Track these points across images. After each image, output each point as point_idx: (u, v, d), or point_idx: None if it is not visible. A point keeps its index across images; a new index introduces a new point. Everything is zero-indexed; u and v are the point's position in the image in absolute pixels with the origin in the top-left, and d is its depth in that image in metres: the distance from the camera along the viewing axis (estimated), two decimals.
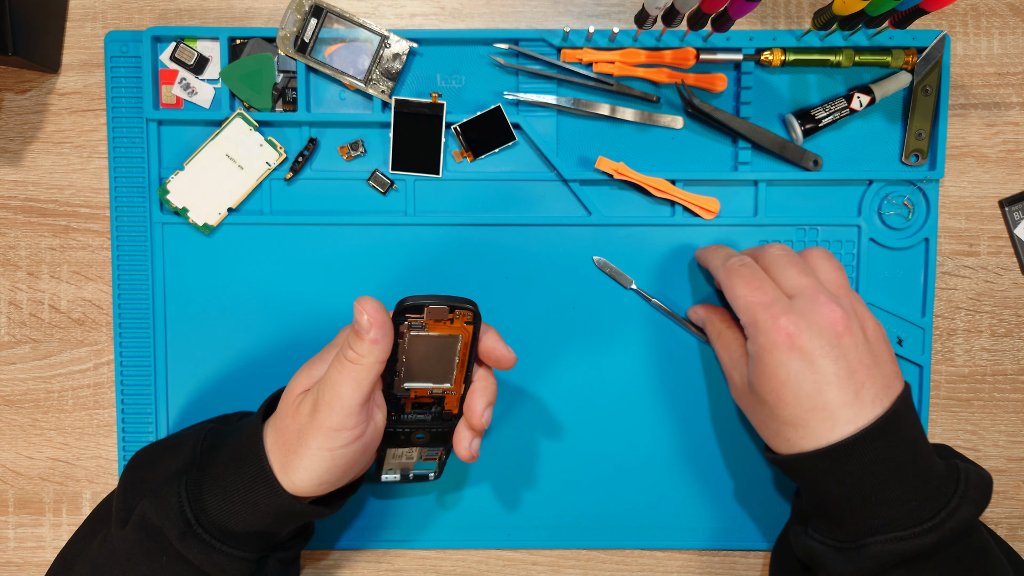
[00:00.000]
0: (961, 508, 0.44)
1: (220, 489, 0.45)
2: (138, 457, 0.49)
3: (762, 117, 0.56)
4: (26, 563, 0.59)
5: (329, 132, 0.56)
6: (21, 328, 0.58)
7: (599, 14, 0.57)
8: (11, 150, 0.57)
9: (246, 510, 0.44)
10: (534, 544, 0.58)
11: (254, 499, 0.44)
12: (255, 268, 0.57)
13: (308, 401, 0.43)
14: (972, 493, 0.45)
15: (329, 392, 0.42)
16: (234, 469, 0.45)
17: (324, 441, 0.43)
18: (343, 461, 0.43)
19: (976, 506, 0.45)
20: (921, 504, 0.44)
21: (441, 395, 0.47)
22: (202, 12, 0.57)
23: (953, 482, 0.46)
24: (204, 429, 0.49)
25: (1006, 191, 0.58)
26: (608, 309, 0.57)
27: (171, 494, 0.45)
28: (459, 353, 0.45)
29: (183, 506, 0.44)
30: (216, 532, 0.45)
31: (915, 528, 0.44)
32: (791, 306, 0.46)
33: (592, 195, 0.57)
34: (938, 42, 0.54)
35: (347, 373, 0.42)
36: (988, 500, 0.46)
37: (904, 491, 0.44)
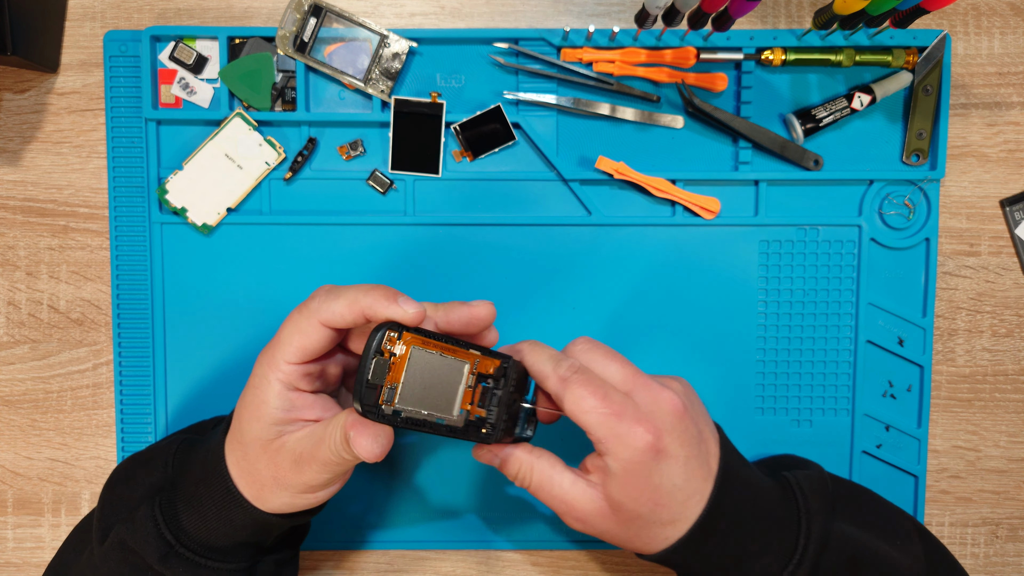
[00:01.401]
0: (813, 524, 0.45)
1: (194, 508, 0.44)
2: (116, 472, 0.48)
3: (763, 117, 0.56)
4: (25, 563, 0.59)
5: (328, 132, 0.56)
6: (20, 328, 0.58)
7: (599, 13, 0.57)
8: (10, 150, 0.57)
9: (223, 526, 0.43)
10: (534, 544, 0.58)
11: (228, 516, 0.43)
12: (254, 268, 0.57)
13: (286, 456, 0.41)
14: (813, 504, 0.46)
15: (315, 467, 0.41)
16: (204, 488, 0.44)
17: (293, 496, 0.42)
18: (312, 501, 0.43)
19: (823, 515, 0.46)
20: (781, 539, 0.45)
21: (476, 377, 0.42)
22: (201, 12, 0.57)
23: (792, 501, 0.46)
24: (176, 441, 0.48)
25: (1007, 191, 0.58)
26: (609, 309, 0.57)
27: (146, 517, 0.44)
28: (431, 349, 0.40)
29: (160, 528, 0.43)
30: (199, 549, 0.44)
31: (789, 567, 0.44)
32: (639, 408, 0.42)
33: (592, 195, 0.56)
34: (939, 42, 0.54)
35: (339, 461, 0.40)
36: (829, 498, 0.47)
37: (763, 533, 0.44)
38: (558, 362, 0.43)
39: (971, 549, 0.59)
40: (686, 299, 0.57)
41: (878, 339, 0.57)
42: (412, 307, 0.39)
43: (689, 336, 0.57)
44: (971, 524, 0.59)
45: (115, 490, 0.47)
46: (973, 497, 0.59)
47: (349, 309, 0.39)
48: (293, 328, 0.41)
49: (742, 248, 0.57)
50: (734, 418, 0.57)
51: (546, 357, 0.43)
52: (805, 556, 0.44)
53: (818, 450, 0.57)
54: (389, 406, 0.39)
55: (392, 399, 0.39)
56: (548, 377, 0.42)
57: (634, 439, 0.41)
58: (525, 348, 0.44)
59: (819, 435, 0.58)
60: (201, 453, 0.45)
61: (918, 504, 0.58)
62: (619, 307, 0.57)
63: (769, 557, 0.44)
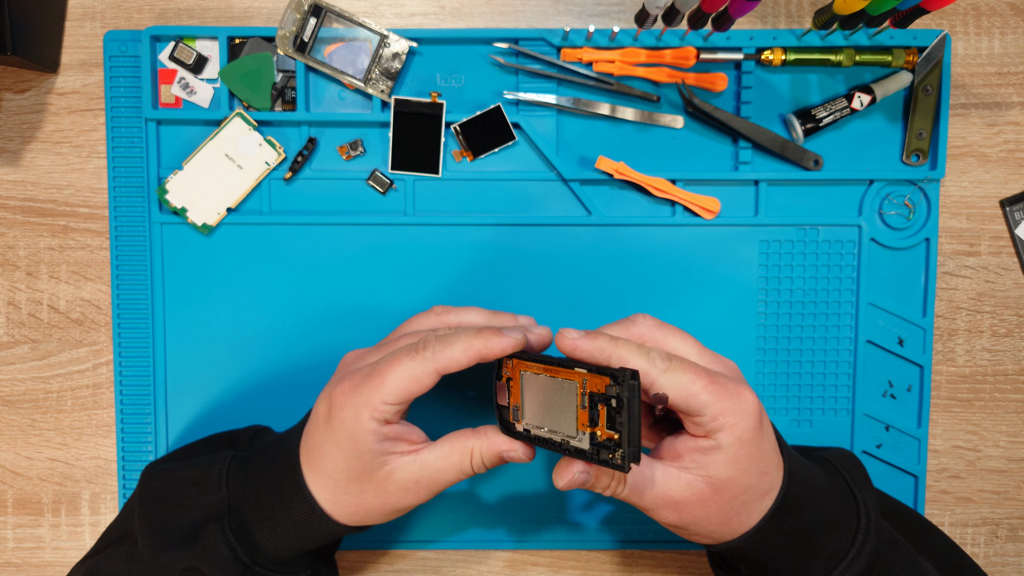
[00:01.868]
0: (865, 494, 0.45)
1: (270, 528, 0.45)
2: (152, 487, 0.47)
3: (763, 117, 0.56)
4: (25, 564, 0.59)
5: (328, 132, 0.56)
6: (20, 328, 0.58)
7: (599, 13, 0.57)
8: (10, 150, 0.57)
9: (298, 541, 0.45)
10: (534, 544, 0.58)
11: (306, 532, 0.44)
12: (254, 268, 0.57)
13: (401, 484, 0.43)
14: (856, 476, 0.46)
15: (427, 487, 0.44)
16: (281, 509, 0.44)
17: (410, 509, 0.45)
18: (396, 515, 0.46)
19: (868, 484, 0.46)
20: (843, 514, 0.45)
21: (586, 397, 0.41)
22: (201, 11, 0.57)
23: (837, 475, 0.46)
24: (224, 461, 0.47)
25: (1007, 191, 0.58)
26: (609, 310, 0.57)
27: (219, 543, 0.44)
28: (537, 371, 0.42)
29: (236, 552, 0.44)
30: (272, 565, 0.45)
31: (858, 538, 0.44)
32: (732, 380, 0.42)
33: (592, 195, 0.56)
34: (939, 42, 0.54)
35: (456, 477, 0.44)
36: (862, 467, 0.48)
37: (828, 508, 0.44)
38: (649, 355, 0.41)
39: (971, 549, 0.59)
40: (686, 299, 0.57)
41: (878, 339, 0.57)
42: (522, 336, 0.42)
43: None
44: (971, 524, 0.59)
45: (162, 509, 0.46)
46: (973, 497, 0.59)
47: (465, 355, 0.41)
48: (405, 373, 0.41)
49: (742, 248, 0.57)
50: None
51: (635, 351, 0.41)
52: (870, 526, 0.44)
53: None
54: (519, 424, 0.42)
55: (519, 418, 0.42)
56: (648, 372, 0.41)
57: (746, 405, 0.41)
58: (606, 344, 0.42)
59: (819, 435, 0.58)
60: (270, 472, 0.46)
61: (918, 504, 0.58)
62: (619, 307, 0.57)
63: (836, 532, 0.44)
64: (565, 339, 0.41)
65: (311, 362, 0.57)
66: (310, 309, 0.57)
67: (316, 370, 0.57)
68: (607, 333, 0.43)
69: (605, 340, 0.42)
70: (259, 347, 0.57)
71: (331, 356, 0.57)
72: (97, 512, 0.58)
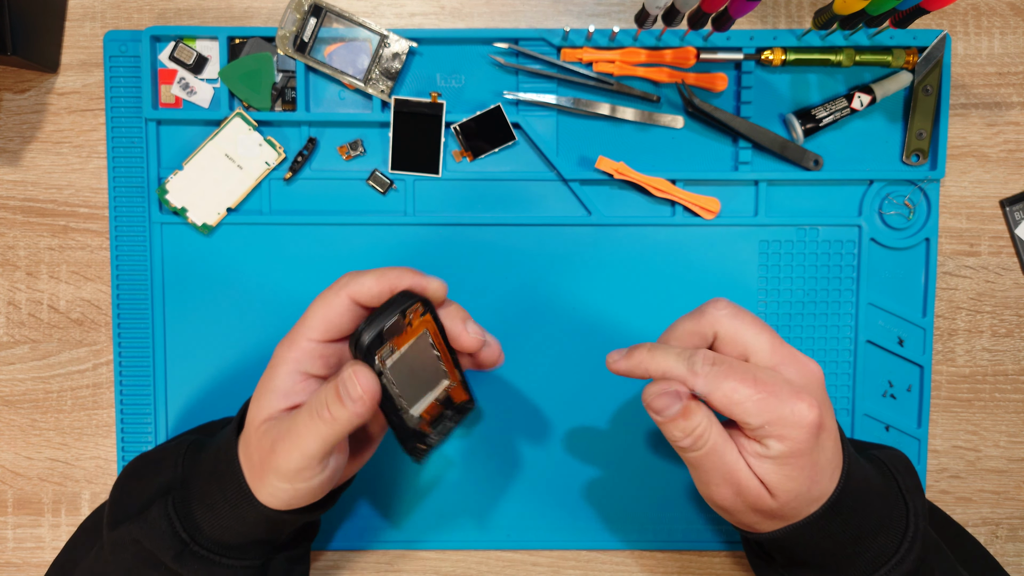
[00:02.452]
0: (916, 500, 0.44)
1: (207, 506, 0.44)
2: (126, 470, 0.49)
3: (763, 117, 0.56)
4: (25, 564, 0.59)
5: (328, 132, 0.56)
6: (20, 328, 0.58)
7: (599, 13, 0.57)
8: (10, 150, 0.57)
9: (237, 524, 0.43)
10: (534, 544, 0.58)
11: (241, 513, 0.43)
12: (254, 268, 0.57)
13: (269, 436, 0.41)
14: (908, 481, 0.46)
15: (291, 441, 0.40)
16: (216, 485, 0.44)
17: (281, 481, 0.41)
18: (306, 492, 0.42)
19: (919, 491, 0.45)
20: (892, 517, 0.44)
21: (446, 396, 0.45)
22: (201, 12, 0.57)
23: (891, 479, 0.45)
24: (185, 442, 0.48)
25: (1007, 191, 0.58)
26: (609, 309, 0.57)
27: (160, 516, 0.44)
28: (435, 347, 0.42)
29: (174, 526, 0.43)
30: (214, 547, 0.44)
31: (904, 545, 0.43)
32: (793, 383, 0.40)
33: (592, 195, 0.56)
34: (939, 42, 0.54)
35: (316, 429, 0.39)
36: (917, 476, 0.47)
37: (878, 510, 0.43)
38: (691, 359, 0.40)
39: None
40: (686, 299, 0.57)
41: (878, 339, 0.57)
42: (437, 281, 0.41)
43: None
44: (971, 524, 0.59)
45: (124, 488, 0.47)
46: (973, 497, 0.59)
47: (377, 282, 0.40)
48: (320, 303, 0.41)
49: (742, 248, 0.57)
50: None
51: (674, 358, 0.40)
52: (917, 535, 0.43)
53: None
54: (382, 364, 0.40)
55: (386, 361, 0.40)
56: (686, 378, 0.40)
57: (799, 417, 0.39)
58: (644, 356, 0.41)
59: None
60: (212, 451, 0.45)
61: None
62: (619, 307, 0.57)
63: (883, 536, 0.43)
64: (608, 365, 0.42)
65: None
66: None
67: None
68: (674, 334, 0.43)
69: (643, 353, 0.41)
70: (259, 347, 0.57)
71: None
72: None
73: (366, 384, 0.39)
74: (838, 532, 0.42)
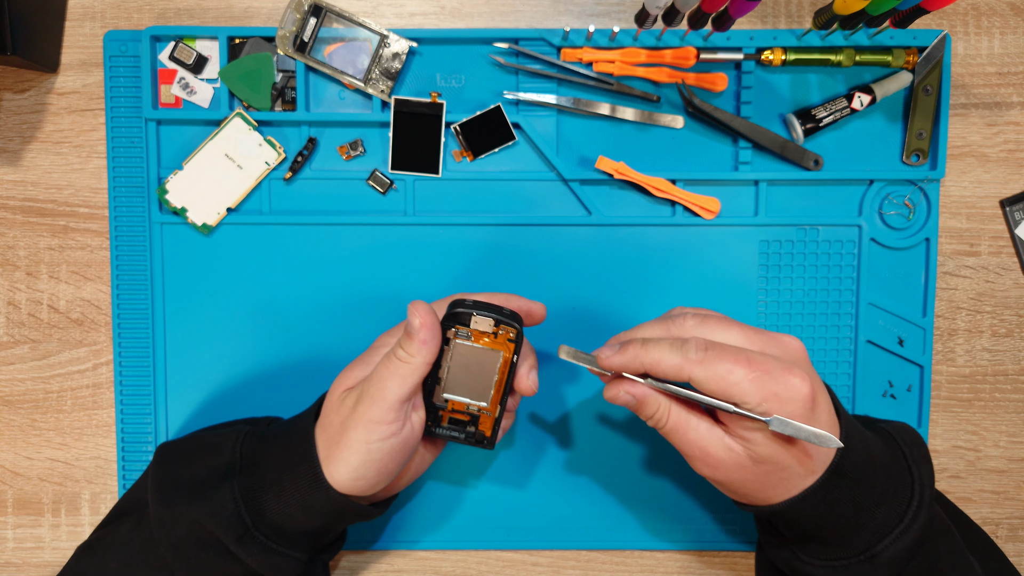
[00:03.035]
0: (922, 471, 0.45)
1: (276, 493, 0.45)
2: (168, 452, 0.50)
3: (763, 117, 0.56)
4: (25, 564, 0.59)
5: (328, 132, 0.56)
6: (20, 328, 0.58)
7: (599, 13, 0.57)
8: (10, 150, 0.57)
9: (301, 512, 0.45)
10: (534, 544, 0.58)
11: (308, 501, 0.45)
12: (254, 268, 0.57)
13: (352, 395, 0.45)
14: (916, 452, 0.46)
15: (374, 387, 0.43)
16: (287, 473, 0.45)
17: (363, 433, 0.44)
18: (379, 456, 0.44)
19: (927, 462, 0.46)
20: (896, 488, 0.44)
21: (477, 414, 0.47)
22: (201, 11, 0.57)
23: (897, 450, 0.46)
24: (240, 431, 0.50)
25: (1007, 191, 0.58)
26: (609, 309, 0.57)
27: (225, 500, 0.45)
28: (499, 371, 0.46)
29: (240, 510, 0.45)
30: (271, 533, 0.46)
31: (908, 515, 0.43)
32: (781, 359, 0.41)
33: (592, 195, 0.56)
34: (939, 42, 0.54)
35: (394, 370, 0.43)
36: (925, 448, 0.47)
37: (881, 481, 0.44)
38: (683, 348, 0.41)
39: None
40: (686, 299, 0.57)
41: (878, 339, 0.57)
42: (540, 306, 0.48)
43: None
44: None
45: (172, 468, 0.48)
46: (973, 497, 0.59)
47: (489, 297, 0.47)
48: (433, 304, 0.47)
49: (742, 248, 0.57)
50: None
51: (667, 348, 0.42)
52: (922, 505, 0.44)
53: None
54: (452, 337, 0.45)
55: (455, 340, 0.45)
56: (681, 367, 0.41)
57: (793, 391, 0.40)
58: (638, 351, 0.42)
59: None
60: (283, 439, 0.47)
61: None
62: (619, 307, 0.57)
63: (887, 506, 0.44)
64: (601, 361, 0.43)
65: (311, 361, 0.57)
66: (310, 309, 0.57)
67: (316, 369, 0.57)
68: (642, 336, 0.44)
69: (636, 347, 0.42)
70: (259, 347, 0.57)
71: (331, 356, 0.57)
72: (97, 512, 0.58)
73: (424, 312, 0.43)
74: (839, 502, 0.43)
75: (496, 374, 0.46)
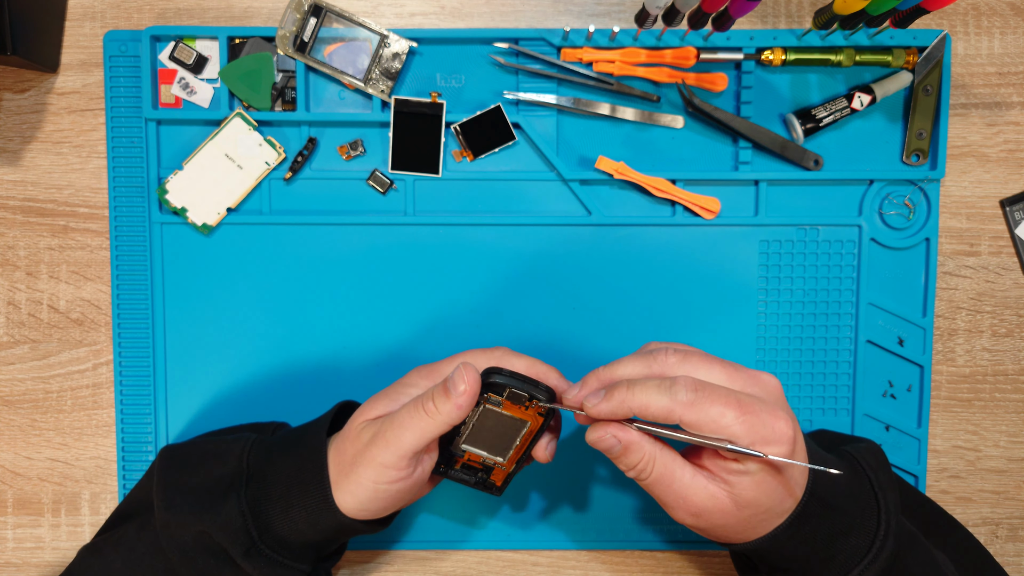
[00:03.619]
0: (888, 497, 0.45)
1: (283, 508, 0.45)
2: (173, 457, 0.49)
3: (763, 116, 0.56)
4: (25, 563, 0.59)
5: (328, 132, 0.56)
6: (20, 328, 0.58)
7: (599, 13, 0.57)
8: (10, 150, 0.57)
9: (308, 528, 0.45)
10: (534, 544, 0.58)
11: (315, 518, 0.45)
12: (254, 268, 0.57)
13: (370, 431, 0.44)
14: (882, 477, 0.46)
15: (393, 431, 0.43)
16: (297, 489, 0.45)
17: (372, 473, 0.44)
18: (386, 496, 0.45)
19: (893, 486, 0.46)
20: (864, 516, 0.44)
21: (492, 466, 0.48)
22: (201, 11, 0.57)
23: (863, 476, 0.46)
24: (247, 440, 0.49)
25: (1007, 191, 0.58)
26: (609, 309, 0.57)
27: (232, 512, 0.45)
28: (522, 437, 0.46)
29: (247, 523, 0.45)
30: (276, 546, 0.46)
31: (876, 543, 0.44)
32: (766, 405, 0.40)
33: (592, 195, 0.56)
34: (939, 42, 0.54)
35: (417, 421, 0.43)
36: (891, 470, 0.47)
37: (849, 511, 0.44)
38: (671, 390, 0.40)
39: None
40: (686, 299, 0.57)
41: (878, 339, 0.57)
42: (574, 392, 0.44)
43: (689, 336, 0.57)
44: (971, 524, 0.59)
45: (179, 475, 0.48)
46: (973, 497, 0.59)
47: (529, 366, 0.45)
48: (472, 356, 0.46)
49: (742, 248, 0.57)
50: None
51: (654, 390, 0.40)
52: (889, 531, 0.44)
53: None
54: (483, 402, 0.44)
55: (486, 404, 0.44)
56: (672, 410, 0.40)
57: (779, 435, 0.39)
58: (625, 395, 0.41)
59: None
60: (296, 454, 0.47)
61: None
62: (619, 307, 0.57)
63: (856, 536, 0.44)
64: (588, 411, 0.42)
65: (311, 361, 0.57)
66: (310, 309, 0.57)
67: (316, 369, 0.57)
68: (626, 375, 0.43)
69: (623, 391, 0.41)
70: (259, 347, 0.57)
71: (331, 356, 0.57)
72: (97, 512, 0.58)
73: (471, 380, 0.42)
74: (811, 536, 0.43)
75: (519, 440, 0.46)
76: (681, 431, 0.41)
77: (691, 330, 0.57)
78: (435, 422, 0.43)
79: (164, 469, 0.49)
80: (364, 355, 0.57)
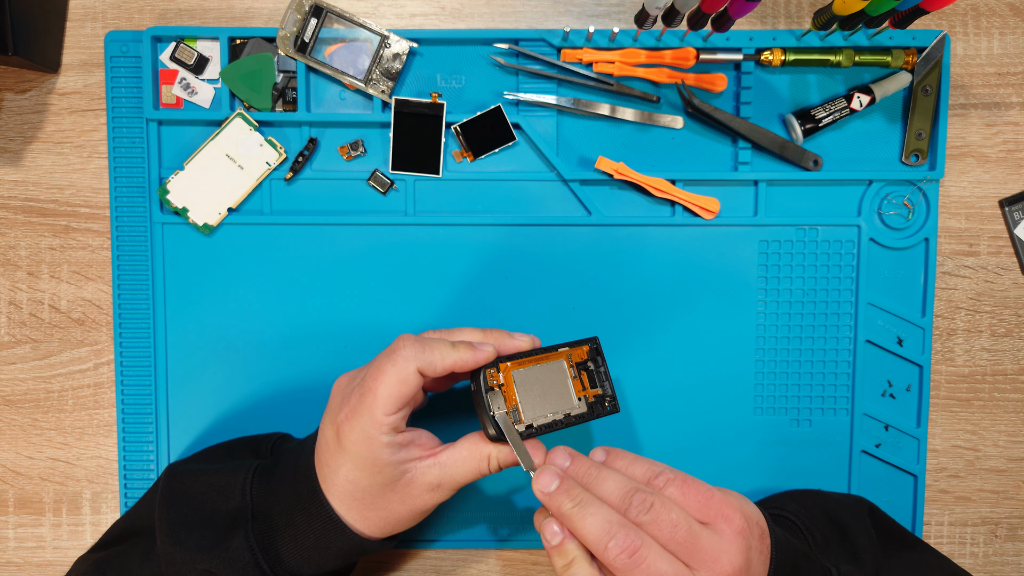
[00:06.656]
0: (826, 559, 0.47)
1: (292, 538, 0.45)
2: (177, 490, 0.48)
3: (762, 117, 0.56)
4: (26, 563, 0.59)
5: (329, 132, 0.56)
6: (21, 328, 0.58)
7: (599, 14, 0.57)
8: (11, 150, 0.57)
9: (320, 555, 0.45)
10: (534, 544, 0.58)
11: (326, 544, 0.45)
12: (255, 268, 0.57)
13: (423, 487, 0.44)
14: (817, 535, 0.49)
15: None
16: (301, 517, 0.45)
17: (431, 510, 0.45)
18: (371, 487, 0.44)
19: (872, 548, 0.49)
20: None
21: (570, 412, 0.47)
22: (202, 12, 0.57)
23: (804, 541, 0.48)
24: (248, 469, 0.48)
25: (1006, 191, 0.58)
26: (609, 309, 0.57)
27: (241, 548, 0.45)
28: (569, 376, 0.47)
29: (257, 559, 0.44)
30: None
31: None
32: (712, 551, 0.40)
33: (592, 195, 0.57)
34: (938, 42, 0.54)
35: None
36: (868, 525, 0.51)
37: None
38: (608, 546, 0.39)
39: (970, 549, 0.59)
40: (686, 299, 0.57)
41: (877, 339, 0.57)
42: (487, 347, 0.44)
43: (689, 336, 0.57)
44: (970, 524, 0.59)
45: (183, 512, 0.47)
46: (972, 497, 0.59)
47: (442, 361, 0.43)
48: (391, 379, 0.43)
49: (742, 248, 0.57)
50: (733, 418, 0.57)
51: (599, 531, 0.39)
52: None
53: (818, 450, 0.58)
54: (519, 424, 0.44)
55: (519, 418, 0.44)
56: (603, 558, 0.40)
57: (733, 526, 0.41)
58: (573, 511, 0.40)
59: (818, 435, 0.58)
60: (290, 481, 0.46)
61: (917, 504, 0.58)
62: (619, 307, 0.57)
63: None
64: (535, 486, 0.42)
65: (312, 361, 0.57)
66: (311, 309, 0.57)
67: (317, 369, 0.57)
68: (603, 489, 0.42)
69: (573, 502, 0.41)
70: (259, 346, 0.57)
71: (331, 356, 0.57)
72: (98, 512, 0.59)
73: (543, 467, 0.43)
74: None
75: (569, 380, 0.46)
76: None
77: (691, 330, 0.57)
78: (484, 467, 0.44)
79: (167, 502, 0.48)
80: (364, 355, 0.57)
